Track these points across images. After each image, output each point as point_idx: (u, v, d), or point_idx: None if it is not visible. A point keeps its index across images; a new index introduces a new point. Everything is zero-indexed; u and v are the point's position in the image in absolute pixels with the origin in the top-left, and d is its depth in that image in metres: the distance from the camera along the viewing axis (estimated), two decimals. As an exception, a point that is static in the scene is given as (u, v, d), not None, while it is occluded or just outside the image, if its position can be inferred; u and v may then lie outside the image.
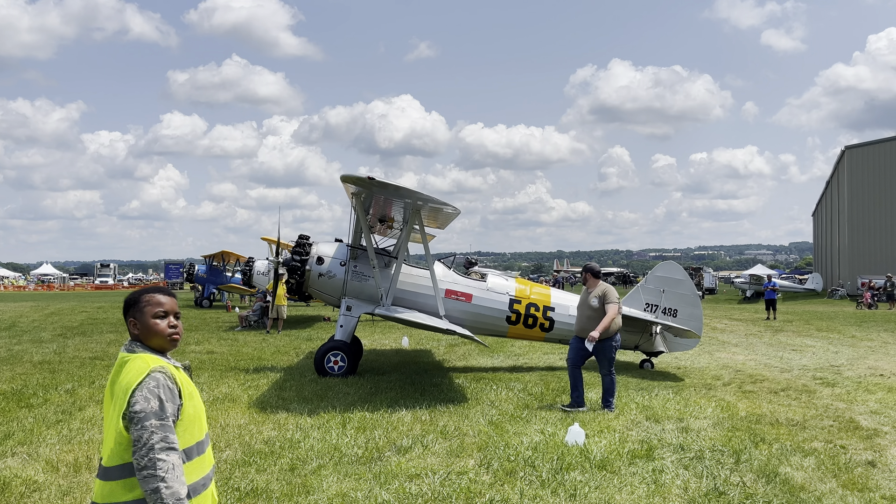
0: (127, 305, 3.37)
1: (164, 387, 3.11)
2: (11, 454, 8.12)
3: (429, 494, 6.83)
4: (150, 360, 3.20)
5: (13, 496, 6.73)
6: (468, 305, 14.47)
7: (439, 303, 13.77)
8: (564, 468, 7.60)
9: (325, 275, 14.22)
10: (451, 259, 15.60)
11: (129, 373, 3.13)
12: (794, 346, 20.19)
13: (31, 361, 15.87)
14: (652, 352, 15.34)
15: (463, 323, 14.27)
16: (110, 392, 3.19)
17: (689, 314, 15.10)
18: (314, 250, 14.36)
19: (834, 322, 29.14)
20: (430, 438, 8.85)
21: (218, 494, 3.74)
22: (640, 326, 15.06)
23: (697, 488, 7.07)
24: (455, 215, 13.85)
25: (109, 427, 3.13)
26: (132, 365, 3.17)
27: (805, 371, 15.10)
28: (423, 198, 12.44)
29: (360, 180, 11.64)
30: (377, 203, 13.44)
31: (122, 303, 3.45)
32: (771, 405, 11.24)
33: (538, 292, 15.01)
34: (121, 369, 3.19)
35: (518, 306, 14.63)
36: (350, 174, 11.75)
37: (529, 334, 14.89)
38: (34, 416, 10.06)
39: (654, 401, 11.42)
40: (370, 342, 19.91)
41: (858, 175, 60.39)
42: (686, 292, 15.32)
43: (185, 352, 17.77)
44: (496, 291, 14.70)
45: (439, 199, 12.48)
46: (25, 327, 25.27)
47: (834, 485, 7.23)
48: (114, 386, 3.17)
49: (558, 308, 14.79)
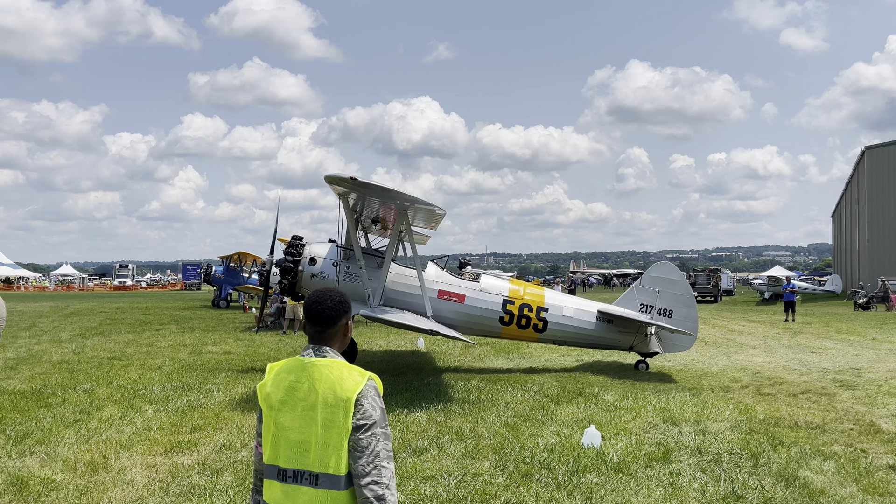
0: (349, 307, 3.28)
1: (379, 395, 3.11)
2: (30, 453, 8.19)
3: (444, 496, 6.81)
4: (356, 367, 3.14)
5: (31, 495, 6.79)
6: (461, 306, 14.47)
7: (426, 303, 13.75)
8: (580, 470, 7.56)
9: (317, 275, 14.22)
10: (445, 260, 15.62)
11: (344, 379, 3.03)
12: (814, 348, 19.98)
13: (50, 361, 16.02)
14: (647, 353, 15.28)
15: (456, 323, 14.30)
16: (308, 397, 3.03)
17: (685, 314, 15.09)
18: (307, 251, 14.38)
19: (854, 324, 28.82)
20: (445, 440, 8.83)
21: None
22: (634, 327, 15.02)
23: (715, 492, 7.00)
24: (442, 215, 13.80)
25: (330, 433, 2.98)
26: (340, 371, 3.07)
27: (824, 373, 14.93)
28: (406, 198, 12.41)
29: (343, 180, 11.58)
30: (369, 204, 13.47)
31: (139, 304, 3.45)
32: (790, 408, 11.13)
33: (532, 293, 14.99)
34: (316, 373, 3.07)
35: (511, 307, 14.62)
36: (333, 174, 11.66)
37: (523, 335, 14.88)
38: (53, 416, 10.14)
39: (671, 403, 11.34)
40: (385, 343, 19.93)
41: (879, 175, 59.70)
42: (681, 293, 15.31)
43: (202, 352, 17.88)
44: (489, 292, 14.69)
45: (423, 199, 12.45)
46: (45, 327, 25.51)
47: (854, 489, 7.13)
48: (314, 391, 3.03)
49: (552, 309, 14.76)
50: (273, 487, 3.06)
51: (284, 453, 3.03)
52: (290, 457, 3.02)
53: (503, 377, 13.99)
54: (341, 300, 3.25)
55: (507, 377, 13.99)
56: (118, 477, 7.37)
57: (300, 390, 3.06)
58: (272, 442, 3.07)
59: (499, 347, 18.35)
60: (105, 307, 39.19)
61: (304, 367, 3.10)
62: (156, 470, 7.63)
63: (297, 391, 3.06)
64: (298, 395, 3.05)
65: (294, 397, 3.05)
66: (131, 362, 15.89)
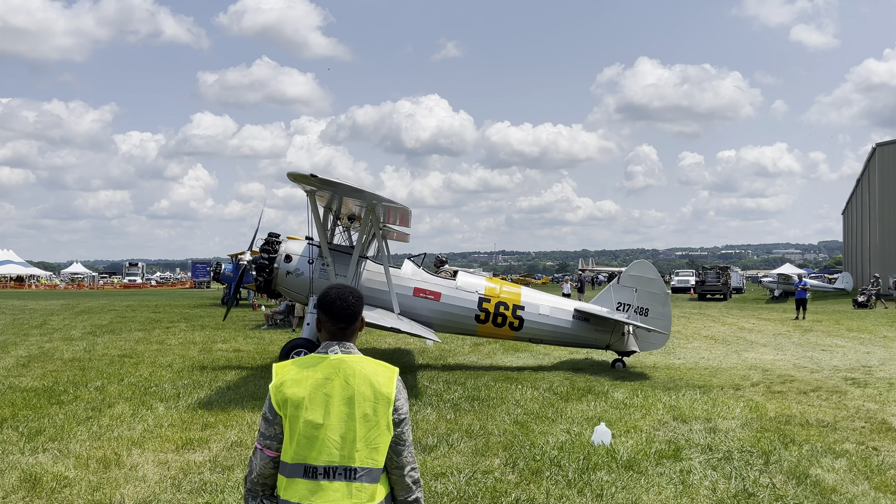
0: (363, 302, 3.32)
1: (404, 387, 3.24)
2: (42, 450, 8.24)
3: (455, 493, 6.82)
4: (381, 361, 3.21)
5: (44, 491, 6.83)
6: (437, 304, 14.54)
7: (393, 300, 13.76)
8: (591, 468, 7.55)
9: (292, 273, 14.25)
10: (421, 258, 15.67)
11: (378, 374, 3.11)
12: (824, 346, 19.89)
13: (61, 359, 16.11)
14: (624, 351, 15.27)
15: (432, 321, 14.42)
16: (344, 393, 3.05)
17: (660, 313, 15.12)
18: (282, 248, 14.42)
19: (865, 322, 28.68)
20: (455, 437, 8.84)
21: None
22: (610, 326, 15.02)
23: (726, 489, 6.98)
24: (410, 213, 13.73)
25: (372, 428, 3.04)
26: (372, 366, 3.13)
27: (835, 371, 14.87)
28: (368, 196, 12.36)
29: (304, 177, 11.57)
30: (344, 202, 13.48)
31: (149, 302, 3.47)
32: (801, 406, 11.09)
33: (508, 291, 15.04)
34: (348, 369, 3.09)
35: (487, 305, 14.67)
36: (294, 171, 11.59)
37: (499, 333, 14.95)
38: (65, 413, 10.20)
39: (682, 401, 11.31)
40: (395, 340, 19.95)
41: (890, 172, 59.26)
42: (657, 291, 15.35)
43: (213, 350, 17.95)
44: (465, 290, 14.76)
45: (386, 197, 12.44)
46: (56, 325, 25.64)
47: (866, 487, 7.10)
48: (348, 387, 3.06)
49: (528, 307, 14.80)
50: (298, 486, 3.02)
51: (318, 451, 3.00)
52: (325, 454, 3.00)
53: (513, 375, 13.99)
54: (360, 296, 3.27)
55: (516, 375, 13.99)
56: (130, 473, 7.41)
57: (331, 388, 3.05)
58: (303, 442, 3.02)
59: (508, 345, 18.33)
60: (115, 305, 39.37)
61: (334, 364, 3.10)
62: (167, 467, 7.67)
63: (326, 388, 3.05)
64: (330, 392, 3.04)
65: (323, 395, 3.04)
66: (142, 360, 15.96)
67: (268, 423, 3.10)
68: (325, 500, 2.98)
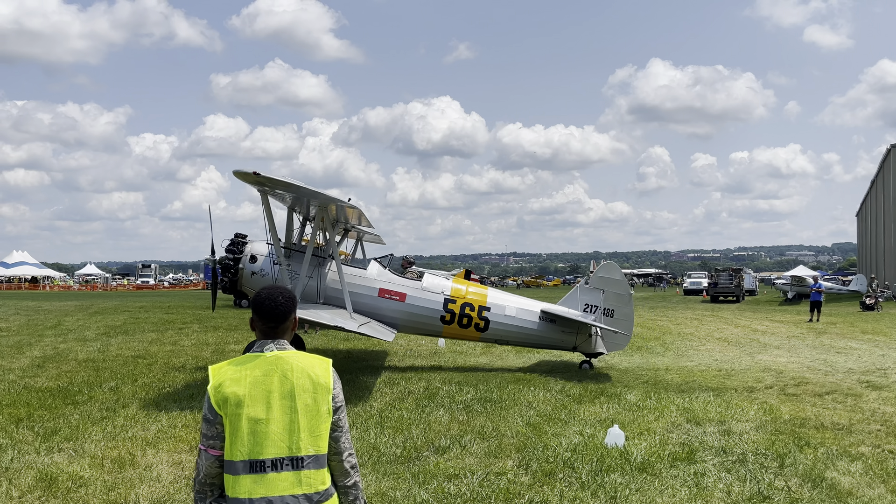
0: (296, 302, 3.45)
1: (338, 377, 3.41)
2: (58, 450, 8.31)
3: (468, 494, 6.82)
4: (313, 355, 3.37)
5: (60, 491, 6.88)
6: (402, 305, 14.55)
7: (346, 300, 13.69)
8: (604, 470, 7.54)
9: (257, 273, 14.29)
10: (388, 259, 15.69)
11: (314, 366, 3.28)
12: (839, 348, 19.75)
13: (76, 359, 16.22)
14: (591, 353, 15.24)
15: (397, 322, 14.45)
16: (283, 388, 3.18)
17: (624, 314, 15.16)
18: (248, 249, 14.46)
19: (880, 324, 28.45)
20: (467, 439, 8.84)
21: None
22: (576, 327, 15.00)
23: (741, 492, 6.95)
24: (359, 211, 13.55)
25: (313, 417, 3.19)
26: (307, 360, 3.29)
27: (850, 374, 14.76)
28: (306, 192, 12.22)
29: (247, 175, 11.48)
30: (306, 203, 13.46)
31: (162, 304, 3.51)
32: (815, 408, 11.01)
33: (474, 292, 15.04)
34: (285, 364, 3.23)
35: (453, 306, 14.68)
36: (238, 170, 11.45)
37: (464, 334, 14.97)
38: (79, 413, 10.28)
39: (695, 403, 11.26)
40: (406, 342, 19.96)
41: (905, 174, 58.91)
42: (622, 292, 15.37)
43: (226, 351, 18.02)
44: (431, 291, 14.76)
45: (326, 194, 12.33)
46: (70, 326, 25.81)
47: (882, 490, 7.05)
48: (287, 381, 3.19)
49: (494, 308, 14.80)
50: (241, 482, 3.11)
51: (263, 445, 3.11)
52: (271, 447, 3.12)
53: (525, 376, 13.97)
54: (291, 296, 3.41)
55: (528, 377, 13.97)
56: (145, 473, 7.45)
57: (270, 383, 3.18)
58: (246, 438, 3.12)
59: (519, 347, 18.28)
60: (128, 306, 39.59)
61: (271, 361, 3.24)
62: (182, 467, 7.71)
63: (265, 384, 3.18)
64: (269, 387, 3.17)
65: (263, 390, 3.17)
66: (155, 361, 16.05)
67: (209, 423, 3.20)
68: (274, 490, 3.10)
